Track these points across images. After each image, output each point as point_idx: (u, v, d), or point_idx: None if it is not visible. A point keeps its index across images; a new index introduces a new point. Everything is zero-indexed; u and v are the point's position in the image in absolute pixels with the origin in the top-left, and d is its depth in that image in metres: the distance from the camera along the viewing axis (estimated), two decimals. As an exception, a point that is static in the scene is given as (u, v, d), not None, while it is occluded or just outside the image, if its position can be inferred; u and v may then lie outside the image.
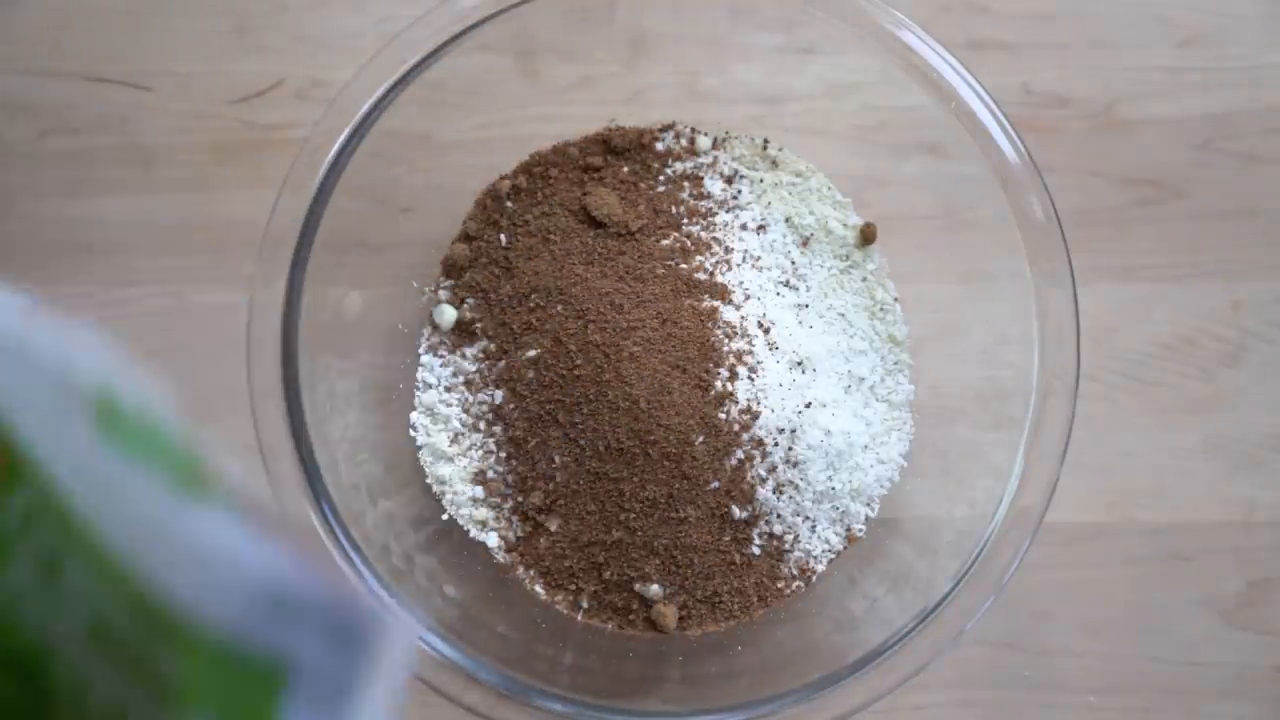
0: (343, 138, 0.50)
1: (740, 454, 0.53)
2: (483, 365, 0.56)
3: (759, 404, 0.54)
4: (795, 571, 0.56)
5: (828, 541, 0.57)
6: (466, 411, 0.56)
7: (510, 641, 0.53)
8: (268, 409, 0.48)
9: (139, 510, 0.18)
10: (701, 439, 0.53)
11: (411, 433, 0.57)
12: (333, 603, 0.18)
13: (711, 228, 0.58)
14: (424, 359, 0.58)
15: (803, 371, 0.56)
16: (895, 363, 0.59)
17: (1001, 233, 0.52)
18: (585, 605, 0.56)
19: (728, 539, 0.55)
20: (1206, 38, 0.63)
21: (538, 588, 0.56)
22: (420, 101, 0.52)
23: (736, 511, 0.54)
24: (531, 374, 0.54)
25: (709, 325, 0.54)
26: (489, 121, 0.60)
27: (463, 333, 0.57)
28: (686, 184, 0.59)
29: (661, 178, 0.59)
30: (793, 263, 0.59)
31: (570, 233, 0.57)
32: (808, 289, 0.58)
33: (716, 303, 0.55)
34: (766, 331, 0.55)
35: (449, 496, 0.56)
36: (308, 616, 0.18)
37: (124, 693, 0.18)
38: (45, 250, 0.61)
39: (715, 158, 0.60)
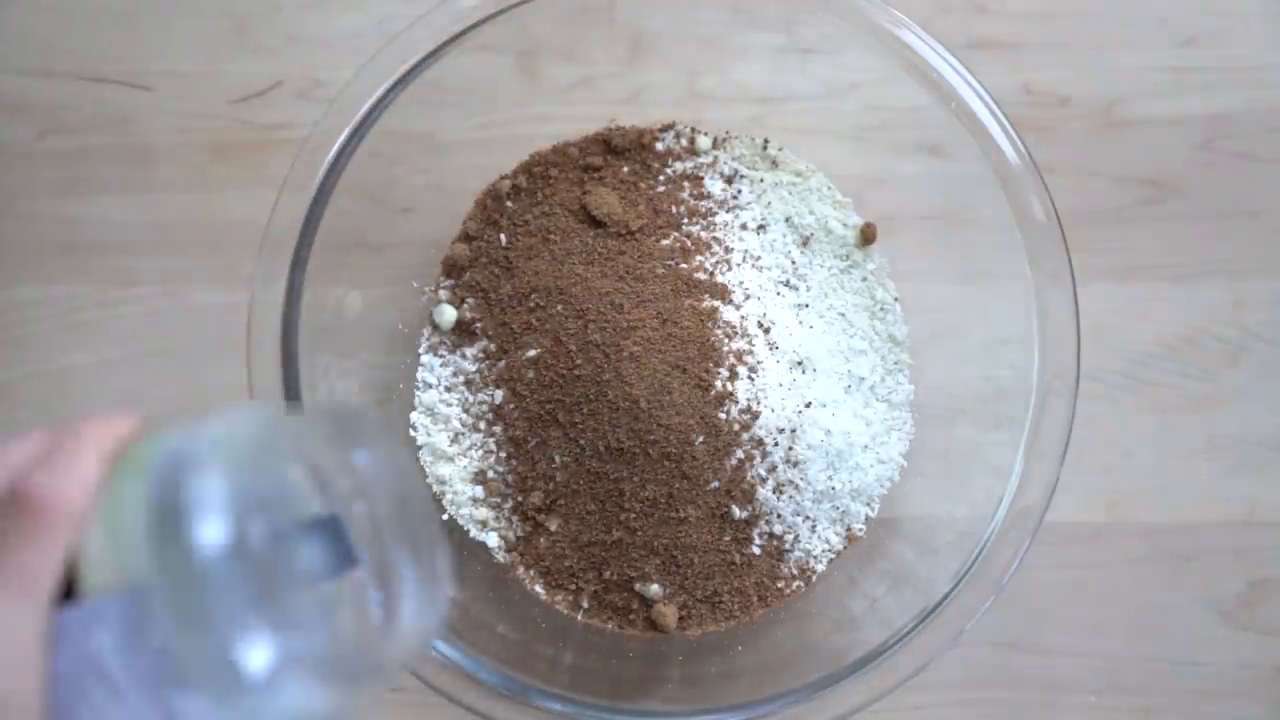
0: (343, 138, 0.50)
1: (740, 454, 0.53)
2: (483, 365, 0.56)
3: (759, 404, 0.54)
4: (795, 571, 0.56)
5: (828, 541, 0.56)
6: (466, 411, 0.56)
7: (510, 641, 0.53)
8: (267, 409, 0.48)
9: None
10: (701, 439, 0.53)
11: (411, 433, 0.57)
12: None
13: (711, 227, 0.58)
14: (424, 359, 0.58)
15: (803, 371, 0.56)
16: (895, 363, 0.59)
17: (1001, 233, 0.52)
18: (585, 605, 0.56)
19: (728, 539, 0.55)
20: (1206, 38, 0.63)
21: (538, 588, 0.56)
22: (420, 101, 0.52)
23: (736, 511, 0.54)
24: (531, 374, 0.54)
25: (709, 325, 0.54)
26: (489, 121, 0.60)
27: (463, 333, 0.57)
28: (686, 184, 0.59)
29: (661, 178, 0.59)
30: (793, 262, 0.59)
31: (570, 232, 0.57)
32: (808, 289, 0.58)
33: (716, 302, 0.55)
34: (766, 331, 0.55)
35: (449, 496, 0.56)
36: None
37: None
38: (44, 250, 0.61)
39: (715, 158, 0.60)
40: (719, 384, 0.53)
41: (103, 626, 0.27)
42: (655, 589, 0.55)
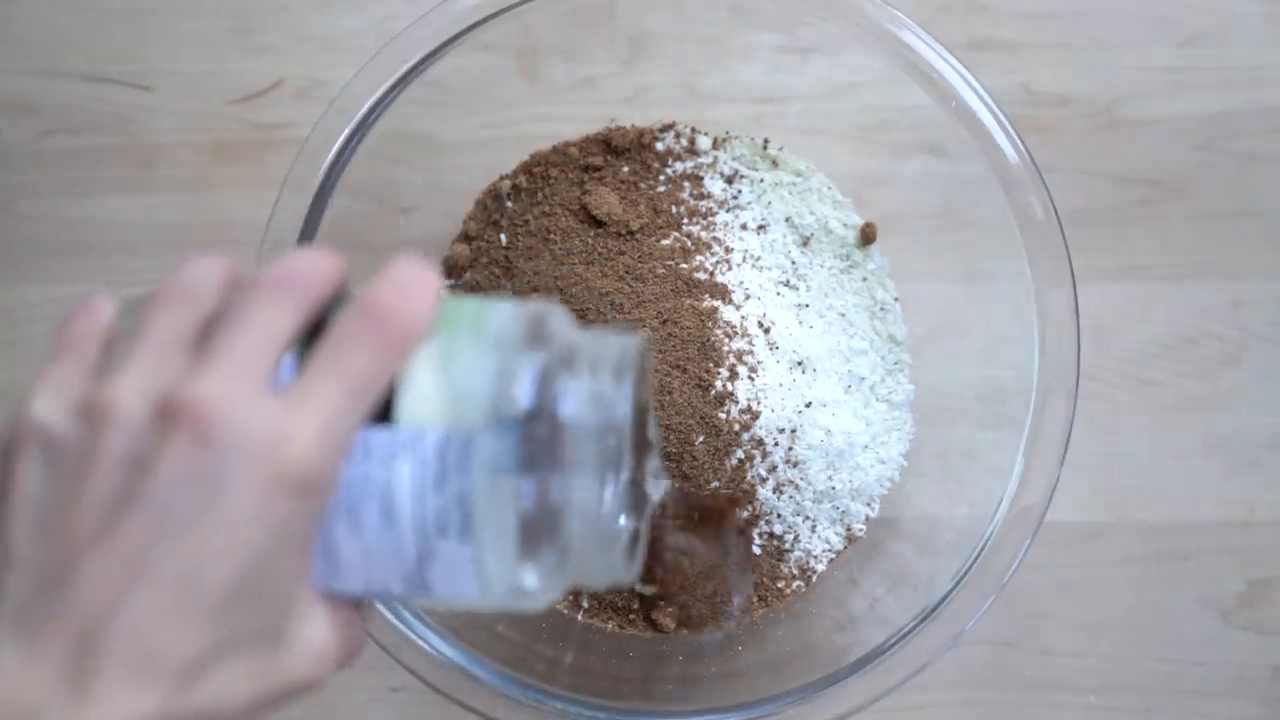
0: (343, 138, 0.50)
1: (740, 454, 0.53)
2: (483, 365, 0.56)
3: (759, 404, 0.54)
4: (795, 571, 0.56)
5: (828, 541, 0.57)
6: (467, 411, 0.56)
7: (510, 641, 0.53)
8: (268, 409, 0.48)
9: None
10: (701, 439, 0.53)
11: (412, 432, 0.57)
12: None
13: (711, 227, 0.58)
14: (424, 359, 0.58)
15: (803, 371, 0.56)
16: (895, 362, 0.59)
17: (1001, 233, 0.52)
18: (585, 605, 0.56)
19: (728, 539, 0.55)
20: (1206, 38, 0.63)
21: (538, 587, 0.56)
22: (420, 101, 0.52)
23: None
24: (531, 374, 0.54)
25: (709, 325, 0.54)
26: (489, 121, 0.60)
27: (463, 333, 0.57)
28: (686, 184, 0.59)
29: (661, 178, 0.59)
30: (793, 262, 0.59)
31: (570, 233, 0.57)
32: (808, 289, 0.58)
33: (716, 303, 0.55)
34: (767, 331, 0.55)
35: (449, 496, 0.56)
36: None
37: None
38: (46, 250, 0.61)
39: (715, 158, 0.60)
40: (719, 384, 0.53)
41: (407, 455, 0.28)
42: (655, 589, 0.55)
